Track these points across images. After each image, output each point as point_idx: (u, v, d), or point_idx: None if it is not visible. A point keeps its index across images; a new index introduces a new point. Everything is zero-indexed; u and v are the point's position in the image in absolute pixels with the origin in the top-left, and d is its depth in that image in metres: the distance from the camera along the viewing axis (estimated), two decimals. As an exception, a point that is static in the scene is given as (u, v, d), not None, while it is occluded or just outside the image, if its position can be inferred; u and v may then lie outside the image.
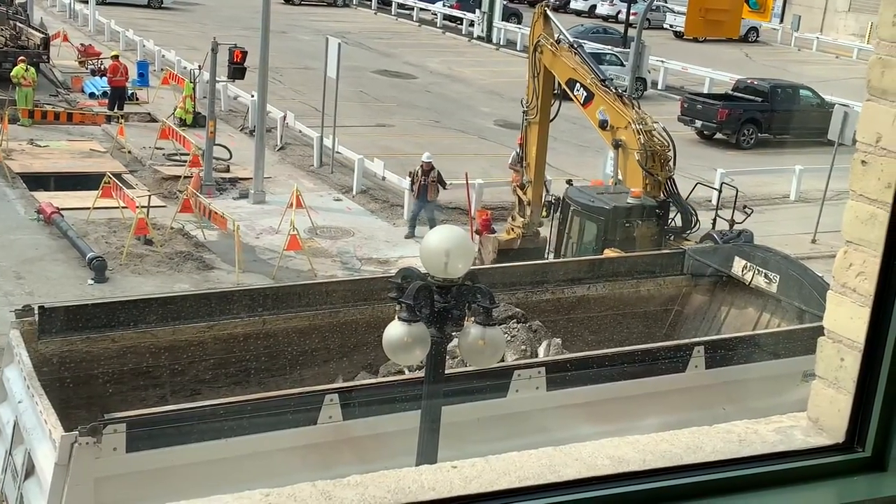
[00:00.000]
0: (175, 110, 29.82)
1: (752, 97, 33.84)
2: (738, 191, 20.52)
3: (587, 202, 16.83)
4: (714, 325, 14.02)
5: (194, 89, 29.96)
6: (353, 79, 34.26)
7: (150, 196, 21.68)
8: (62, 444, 7.86)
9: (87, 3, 46.05)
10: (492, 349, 6.96)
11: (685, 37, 46.66)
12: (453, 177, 23.64)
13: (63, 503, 7.89)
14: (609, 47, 41.23)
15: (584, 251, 16.53)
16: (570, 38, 19.49)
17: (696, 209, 17.86)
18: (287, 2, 57.75)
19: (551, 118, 19.45)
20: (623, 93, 18.53)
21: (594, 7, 63.14)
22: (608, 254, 15.47)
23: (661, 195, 17.01)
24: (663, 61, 42.73)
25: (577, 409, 10.00)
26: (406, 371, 10.53)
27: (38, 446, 8.48)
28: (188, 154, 25.19)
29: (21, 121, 28.20)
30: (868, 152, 2.23)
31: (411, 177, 22.29)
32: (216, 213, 20.47)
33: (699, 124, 33.20)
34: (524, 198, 19.77)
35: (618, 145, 17.42)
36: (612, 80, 19.18)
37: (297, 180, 24.99)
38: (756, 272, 13.53)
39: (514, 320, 12.06)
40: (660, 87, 41.43)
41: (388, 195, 24.60)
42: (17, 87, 29.23)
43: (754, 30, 56.51)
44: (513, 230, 19.96)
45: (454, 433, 7.71)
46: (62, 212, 20.92)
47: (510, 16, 55.12)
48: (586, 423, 9.79)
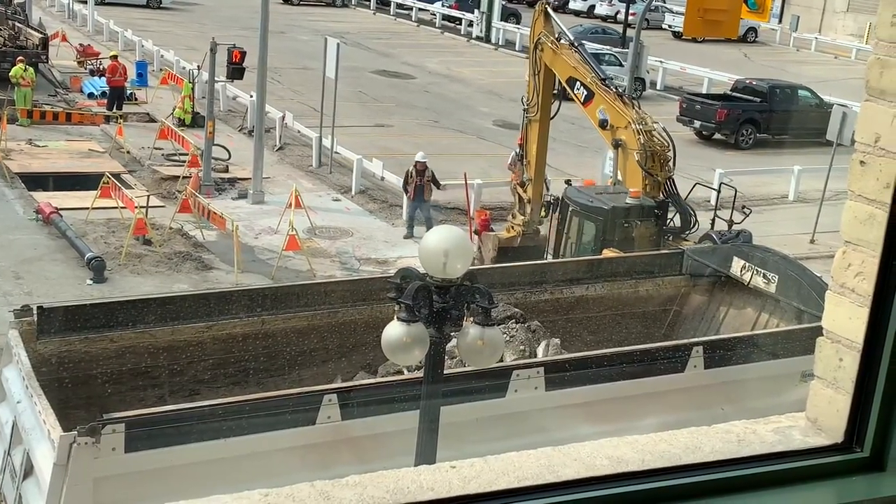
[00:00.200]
0: (174, 110, 29.81)
1: (750, 97, 33.85)
2: (736, 191, 20.52)
3: (586, 202, 16.83)
4: (713, 326, 14.02)
5: (193, 89, 29.95)
6: (351, 79, 34.26)
7: (148, 196, 21.68)
8: (61, 444, 7.86)
9: (85, 3, 46.03)
10: (490, 349, 6.96)
11: (684, 37, 46.65)
12: (452, 177, 23.65)
13: (62, 503, 7.89)
14: (608, 47, 41.21)
15: (582, 251, 16.52)
16: (571, 37, 19.49)
17: (694, 209, 17.86)
18: (286, 2, 57.74)
19: (551, 116, 19.45)
20: (623, 92, 18.53)
21: (593, 7, 63.14)
22: (607, 254, 15.47)
23: (661, 195, 17.01)
24: (662, 61, 42.74)
25: (576, 409, 10.00)
26: (405, 371, 10.53)
27: (36, 446, 8.48)
28: (187, 154, 25.18)
29: (20, 121, 28.19)
30: (867, 152, 2.23)
31: (406, 177, 22.29)
32: (215, 213, 20.47)
33: (698, 124, 33.21)
34: (524, 196, 19.75)
35: (617, 145, 17.41)
36: (612, 79, 19.16)
37: (295, 180, 24.99)
38: (755, 272, 13.54)
39: (513, 320, 12.06)
40: (658, 87, 41.44)
41: (387, 195, 24.59)
42: (15, 87, 29.22)
43: (753, 30, 56.54)
44: (513, 228, 19.93)
45: (453, 433, 7.71)
46: (61, 212, 20.91)
47: (509, 16, 55.12)
48: (585, 423, 9.79)
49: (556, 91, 19.43)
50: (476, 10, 53.72)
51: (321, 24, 49.66)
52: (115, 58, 31.53)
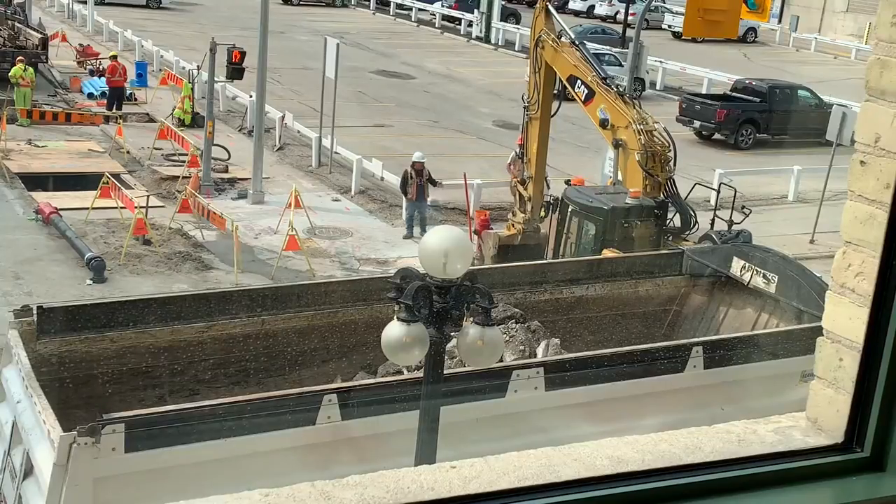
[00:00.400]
0: (173, 110, 29.82)
1: (750, 97, 33.85)
2: (736, 191, 20.52)
3: (586, 202, 16.82)
4: (713, 326, 14.02)
5: (193, 89, 29.96)
6: (351, 79, 34.26)
7: (148, 196, 21.69)
8: (61, 444, 7.85)
9: (85, 3, 46.04)
10: (490, 349, 6.96)
11: (683, 37, 46.62)
12: (452, 177, 23.65)
13: (61, 503, 7.89)
14: (607, 48, 41.21)
15: (582, 251, 16.52)
16: (572, 35, 19.47)
17: (694, 210, 17.85)
18: (285, 2, 57.74)
19: (552, 114, 19.43)
20: (624, 92, 18.51)
21: (593, 7, 63.15)
22: (607, 254, 15.46)
23: (661, 196, 17.00)
24: (662, 62, 42.74)
25: (576, 409, 9.99)
26: (405, 371, 10.53)
27: (36, 446, 8.48)
28: (187, 154, 25.18)
29: (19, 121, 28.20)
30: (867, 153, 2.23)
31: (405, 178, 22.23)
32: (215, 213, 20.47)
33: (698, 125, 33.21)
34: (525, 193, 19.71)
35: (618, 145, 17.39)
36: (612, 78, 19.13)
37: (295, 180, 24.99)
38: (754, 272, 13.53)
39: (513, 320, 12.06)
40: (658, 87, 41.45)
41: (387, 195, 24.59)
42: (15, 88, 29.23)
43: (753, 30, 56.54)
44: (513, 226, 19.90)
45: (453, 433, 7.71)
46: (61, 212, 20.92)
47: (508, 16, 55.12)
48: (585, 423, 9.79)
49: (556, 91, 19.42)
50: (476, 11, 53.72)
51: (321, 25, 49.66)
52: (114, 58, 31.54)
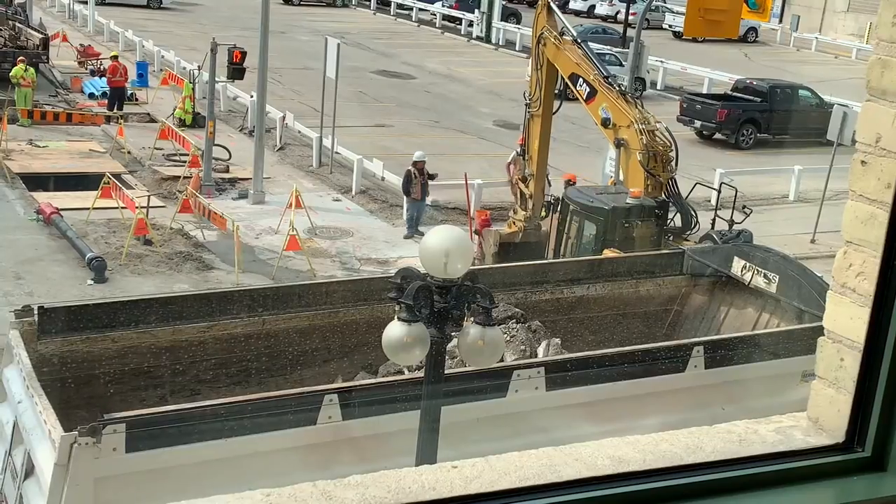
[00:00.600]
0: (174, 111, 29.82)
1: (751, 97, 33.84)
2: (737, 191, 20.52)
3: (586, 202, 16.81)
4: (713, 325, 14.02)
5: (194, 90, 29.96)
6: (352, 79, 34.26)
7: (149, 196, 21.69)
8: (62, 444, 7.86)
9: (86, 3, 46.03)
10: (491, 349, 6.96)
11: (684, 37, 46.62)
12: (452, 177, 23.65)
13: (62, 503, 7.89)
14: (608, 47, 41.20)
15: (583, 251, 16.51)
16: (574, 32, 19.45)
17: (695, 209, 17.84)
18: (286, 2, 57.74)
19: (553, 111, 19.41)
20: (626, 91, 18.48)
21: (593, 7, 63.15)
22: (607, 254, 15.46)
23: (663, 195, 16.99)
24: (662, 61, 42.73)
25: (577, 409, 9.99)
26: (406, 371, 10.54)
27: (37, 446, 8.48)
28: (187, 154, 25.18)
29: (20, 121, 28.20)
30: (868, 152, 2.23)
31: (408, 178, 22.15)
32: (215, 213, 20.47)
33: (698, 124, 33.20)
34: (526, 191, 19.68)
35: (620, 144, 17.37)
36: (614, 77, 19.10)
37: (296, 180, 24.99)
38: (755, 272, 13.53)
39: (514, 320, 12.06)
40: (659, 87, 41.44)
41: (388, 195, 24.59)
42: (16, 88, 29.24)
43: (753, 30, 56.52)
44: (514, 224, 19.86)
45: (454, 433, 7.71)
46: (62, 212, 20.92)
47: (509, 16, 55.11)
48: (586, 423, 9.79)
49: (557, 91, 19.40)
50: (476, 11, 53.71)
51: (321, 25, 49.66)
52: (115, 58, 31.53)
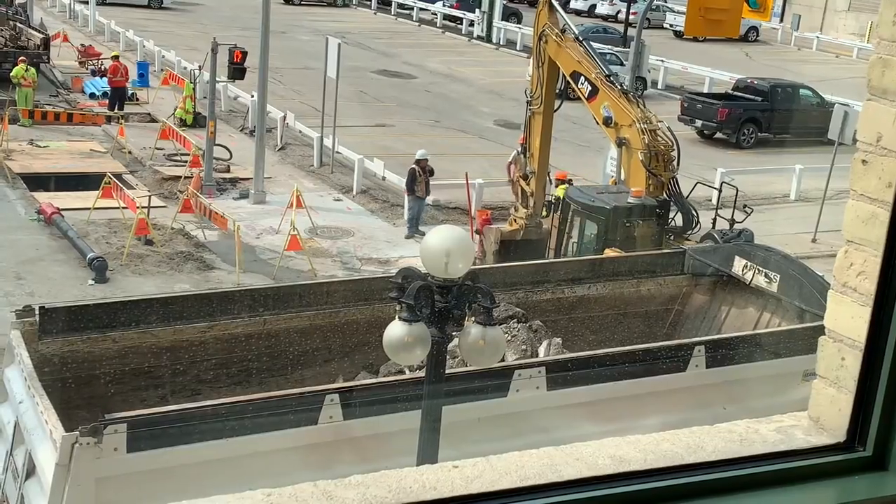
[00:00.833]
0: (175, 111, 29.82)
1: (752, 96, 33.83)
2: (738, 190, 20.51)
3: (587, 202, 16.81)
4: (714, 325, 14.01)
5: (194, 90, 29.95)
6: (352, 79, 34.25)
7: (150, 196, 21.69)
8: (63, 444, 7.86)
9: (87, 3, 46.05)
10: (492, 349, 6.96)
11: (685, 36, 46.64)
12: (453, 177, 23.65)
13: (64, 503, 7.90)
14: (609, 47, 41.19)
15: (584, 251, 16.51)
16: (575, 30, 19.42)
17: (696, 209, 17.84)
18: (287, 2, 57.74)
19: (555, 109, 19.39)
20: (628, 90, 18.46)
21: (594, 7, 63.13)
22: (609, 253, 15.46)
23: (664, 195, 16.98)
24: (663, 61, 42.71)
25: (578, 408, 10.00)
26: (406, 371, 10.53)
27: (38, 446, 8.49)
28: (188, 154, 25.19)
29: (21, 121, 28.21)
30: (869, 152, 2.23)
31: (413, 177, 22.11)
32: (216, 213, 20.48)
33: (699, 124, 33.19)
34: (527, 188, 19.65)
35: (622, 143, 17.36)
36: (616, 75, 19.09)
37: (297, 180, 24.99)
38: (756, 272, 13.53)
39: (515, 320, 12.06)
40: (660, 86, 41.44)
41: (388, 195, 24.59)
42: (17, 88, 29.24)
43: (754, 29, 56.49)
44: (516, 221, 19.83)
45: (455, 433, 7.71)
46: (62, 212, 20.92)
47: (510, 15, 55.10)
48: (587, 422, 9.79)
49: (558, 90, 19.38)
50: (477, 10, 53.70)
51: (322, 24, 49.66)
52: (116, 58, 31.53)
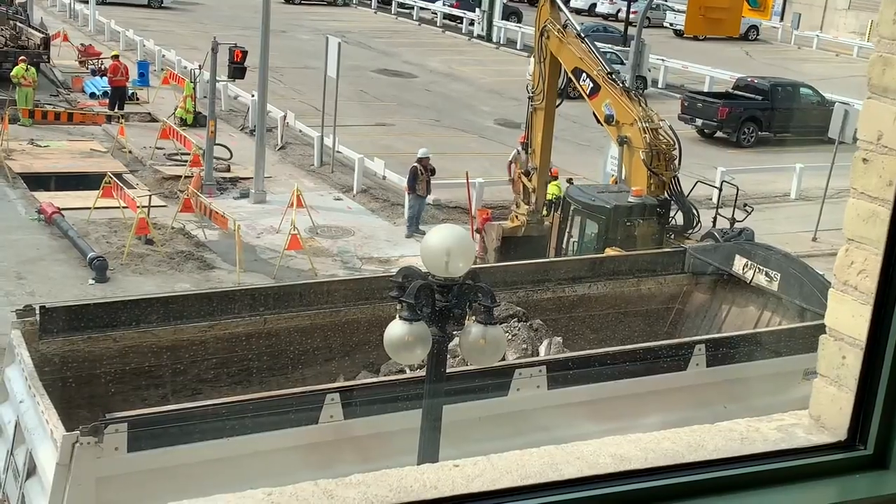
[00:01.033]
0: (175, 110, 29.82)
1: (752, 95, 33.82)
2: (738, 189, 20.50)
3: (588, 201, 16.80)
4: (715, 324, 14.01)
5: (195, 89, 29.95)
6: (353, 78, 34.25)
7: (150, 196, 21.68)
8: (63, 443, 7.86)
9: (87, 2, 46.03)
10: (493, 348, 6.96)
11: (685, 35, 46.61)
12: (453, 176, 23.64)
13: (64, 503, 7.90)
14: (609, 45, 41.17)
15: (585, 250, 16.51)
16: (577, 27, 19.40)
17: (697, 208, 17.83)
18: (287, 1, 57.72)
19: (556, 105, 19.35)
20: (630, 88, 18.44)
21: (594, 5, 63.09)
22: (609, 252, 15.45)
23: (665, 194, 16.97)
24: (663, 60, 42.69)
25: (579, 407, 10.00)
26: (407, 370, 10.54)
27: (39, 446, 8.49)
28: (189, 154, 25.19)
29: (21, 121, 28.20)
30: (869, 150, 2.23)
31: (415, 175, 22.09)
32: (217, 212, 20.48)
33: (700, 123, 33.18)
34: (529, 185, 19.62)
35: (623, 142, 17.34)
36: (618, 73, 19.05)
37: (297, 180, 25.00)
38: (757, 270, 13.53)
39: (516, 319, 12.07)
40: (660, 85, 41.42)
41: (389, 194, 24.59)
42: (17, 87, 29.23)
43: (754, 28, 56.47)
44: (517, 218, 19.79)
45: (456, 432, 7.71)
46: (63, 212, 20.92)
47: (510, 14, 55.09)
48: (588, 421, 9.79)
49: (560, 88, 19.36)
50: (477, 9, 53.69)
51: (322, 23, 49.66)
52: (116, 57, 31.53)
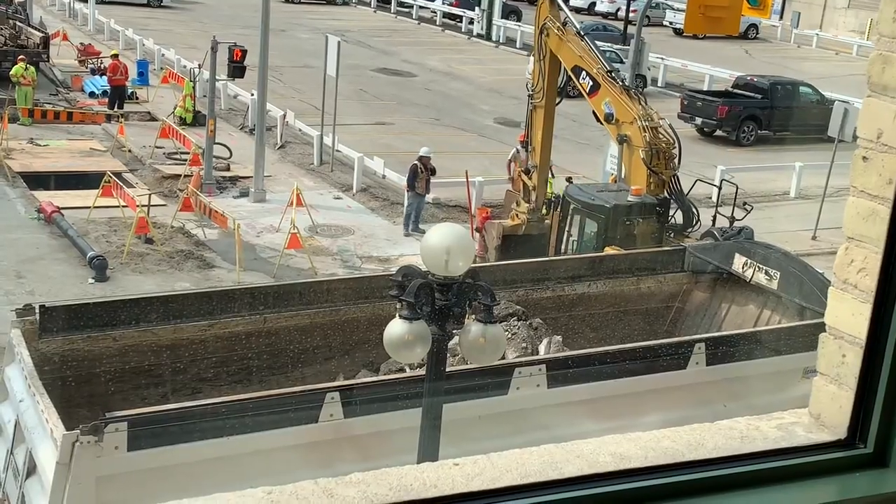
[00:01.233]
0: (175, 109, 29.81)
1: (752, 94, 33.82)
2: (738, 188, 20.50)
3: (588, 200, 16.80)
4: (715, 322, 14.02)
5: (194, 88, 29.94)
6: (352, 77, 34.24)
7: (150, 195, 21.68)
8: (63, 442, 7.86)
9: (86, 1, 46.00)
10: (493, 347, 6.96)
11: (685, 34, 46.59)
12: (453, 175, 23.64)
13: (64, 502, 7.90)
14: (609, 44, 41.16)
15: (584, 249, 16.51)
16: (577, 25, 19.39)
17: (696, 206, 17.83)
18: (286, 0, 57.70)
19: (556, 103, 19.34)
20: (629, 86, 18.43)
21: (593, 4, 63.06)
22: (609, 251, 15.46)
23: (665, 193, 16.98)
24: (663, 58, 42.69)
25: (579, 406, 10.00)
26: (407, 369, 10.54)
27: (39, 445, 8.49)
28: (188, 153, 25.18)
29: (21, 120, 28.19)
30: (869, 148, 2.23)
31: (415, 173, 22.08)
32: (216, 211, 20.47)
33: (699, 121, 33.17)
34: (529, 183, 19.61)
35: (623, 140, 17.34)
36: (618, 71, 19.03)
37: (297, 179, 24.99)
38: (756, 269, 13.53)
39: (515, 318, 12.07)
40: (660, 84, 41.40)
41: (388, 193, 24.58)
42: (16, 86, 29.22)
43: (754, 26, 56.45)
44: (518, 216, 19.78)
45: (455, 431, 7.71)
46: (62, 211, 20.92)
47: (509, 13, 55.08)
48: (588, 420, 9.79)
49: (559, 87, 19.35)
50: (477, 8, 53.68)
51: (322, 22, 49.64)
52: (115, 57, 31.52)
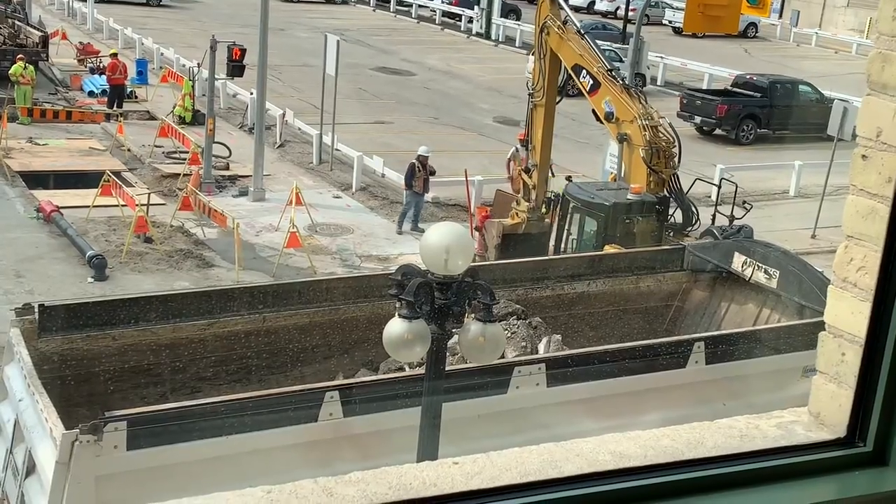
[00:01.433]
0: (174, 108, 29.81)
1: (751, 93, 33.82)
2: (737, 186, 20.50)
3: (587, 198, 16.80)
4: (714, 321, 14.02)
5: (193, 87, 29.93)
6: (351, 76, 34.24)
7: (149, 194, 21.68)
8: (63, 442, 7.86)
9: (85, 1, 46.01)
10: (492, 346, 6.96)
11: (684, 33, 46.62)
12: (453, 174, 23.64)
13: (64, 501, 7.90)
14: (608, 43, 41.15)
15: (584, 248, 16.51)
16: (577, 23, 19.39)
17: (696, 205, 17.83)
18: (286, -1, 57.69)
19: (556, 101, 19.33)
20: (630, 85, 18.40)
21: (593, 3, 63.04)
22: (608, 250, 15.46)
23: (664, 191, 16.98)
24: (662, 57, 42.69)
25: (578, 405, 10.01)
26: (406, 368, 10.54)
27: (38, 444, 8.49)
28: (187, 152, 25.18)
29: (20, 119, 28.19)
30: (868, 147, 2.23)
31: (412, 171, 22.07)
32: (216, 210, 20.47)
33: (698, 120, 33.18)
34: (529, 182, 19.60)
35: (623, 139, 17.34)
36: (618, 70, 19.02)
37: (296, 178, 24.98)
38: (756, 268, 13.54)
39: (515, 317, 12.07)
40: (659, 82, 41.40)
41: (388, 192, 24.58)
42: (15, 86, 29.22)
43: (753, 25, 56.44)
44: (517, 215, 19.78)
45: (455, 430, 7.71)
46: (62, 210, 20.92)
47: (509, 12, 55.07)
48: (587, 418, 9.80)
49: (559, 86, 19.35)
50: (476, 7, 53.68)
51: (321, 21, 49.63)
52: (115, 56, 31.52)
